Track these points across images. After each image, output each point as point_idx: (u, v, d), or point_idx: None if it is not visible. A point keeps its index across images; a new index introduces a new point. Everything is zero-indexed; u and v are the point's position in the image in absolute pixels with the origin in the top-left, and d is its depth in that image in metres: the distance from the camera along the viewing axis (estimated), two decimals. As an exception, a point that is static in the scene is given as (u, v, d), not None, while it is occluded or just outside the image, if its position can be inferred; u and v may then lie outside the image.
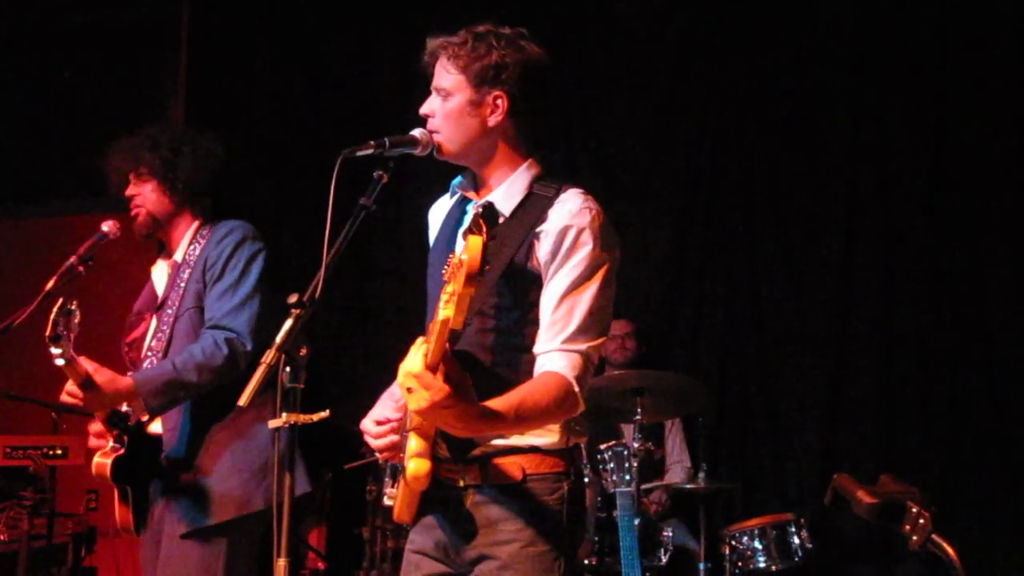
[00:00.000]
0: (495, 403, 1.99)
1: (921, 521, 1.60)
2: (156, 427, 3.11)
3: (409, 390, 1.89)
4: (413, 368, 1.87)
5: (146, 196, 3.21)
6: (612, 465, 3.91)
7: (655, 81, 5.06)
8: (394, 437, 2.22)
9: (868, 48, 4.72)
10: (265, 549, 2.24)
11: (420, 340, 1.97)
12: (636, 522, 3.86)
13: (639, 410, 4.03)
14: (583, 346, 2.12)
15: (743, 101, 4.92)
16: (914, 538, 1.61)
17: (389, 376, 2.50)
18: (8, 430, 4.62)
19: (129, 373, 3.01)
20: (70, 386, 2.88)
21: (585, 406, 2.13)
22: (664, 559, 4.09)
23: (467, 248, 1.75)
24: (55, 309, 2.76)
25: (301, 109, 5.67)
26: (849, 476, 1.72)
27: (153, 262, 3.38)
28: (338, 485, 4.71)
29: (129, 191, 3.25)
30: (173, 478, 3.05)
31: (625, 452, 3.90)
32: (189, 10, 6.05)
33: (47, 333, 2.74)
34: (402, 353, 2.35)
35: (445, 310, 1.80)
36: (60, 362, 2.79)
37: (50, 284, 3.12)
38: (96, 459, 3.03)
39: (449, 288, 1.80)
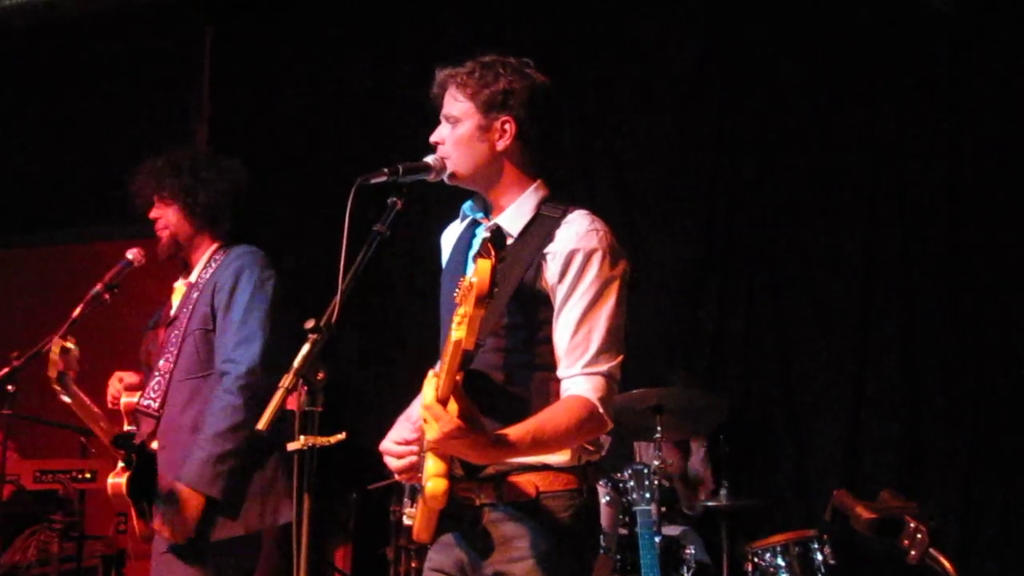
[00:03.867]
0: (511, 431, 2.05)
1: (919, 536, 1.62)
2: (154, 444, 3.17)
3: (425, 421, 1.95)
4: (426, 399, 1.92)
5: (168, 219, 3.30)
6: (632, 483, 3.92)
7: (674, 101, 5.08)
8: (412, 459, 2.26)
9: (888, 66, 4.71)
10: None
11: (432, 373, 2.02)
12: (657, 540, 3.87)
13: (659, 428, 4.05)
14: (604, 367, 2.18)
15: (762, 118, 4.93)
16: (912, 552, 1.63)
17: (409, 397, 2.55)
18: (38, 454, 4.69)
19: (177, 479, 3.04)
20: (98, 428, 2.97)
21: (612, 424, 2.19)
22: (687, 576, 4.09)
23: (476, 271, 1.81)
24: (54, 348, 2.83)
25: (321, 133, 5.73)
26: (848, 492, 1.75)
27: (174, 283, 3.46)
28: (363, 505, 4.74)
29: (153, 214, 3.33)
30: (161, 492, 3.09)
31: (645, 470, 3.91)
32: (212, 37, 6.14)
33: (53, 374, 2.83)
34: (421, 373, 2.40)
35: (457, 332, 1.85)
36: (67, 399, 2.88)
37: (77, 311, 3.19)
38: (110, 480, 3.12)
39: (461, 310, 1.85)
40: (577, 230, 2.23)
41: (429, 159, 2.33)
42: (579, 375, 2.17)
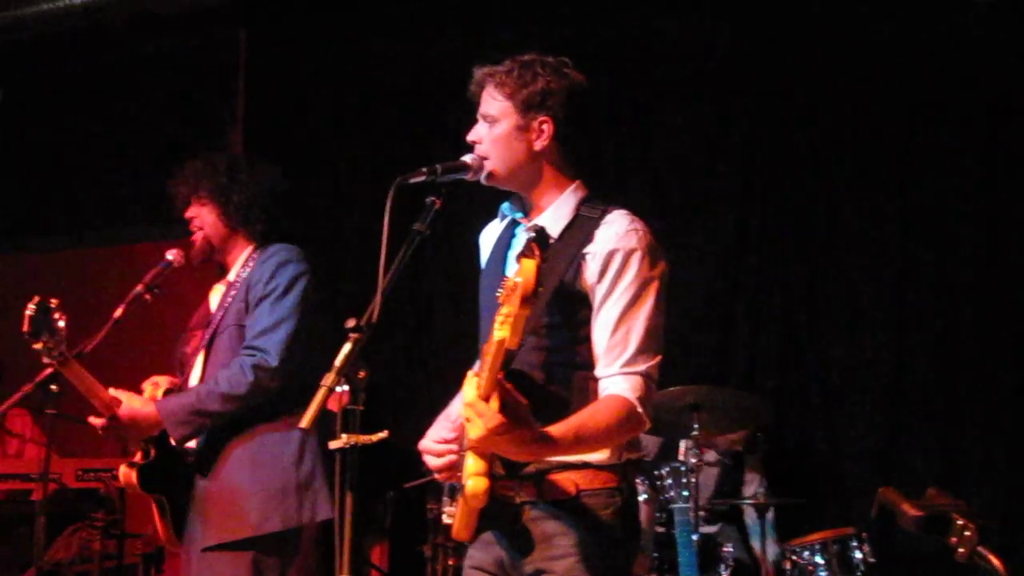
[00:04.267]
0: (554, 428, 2.05)
1: (967, 533, 1.61)
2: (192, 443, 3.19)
3: (468, 419, 1.96)
4: (468, 397, 1.93)
5: (203, 219, 3.34)
6: (670, 481, 3.92)
7: (705, 99, 5.06)
8: (451, 457, 2.27)
9: (926, 65, 4.67)
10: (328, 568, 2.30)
11: (472, 372, 2.03)
12: (695, 538, 3.86)
13: (696, 426, 4.03)
14: (643, 367, 2.19)
15: (794, 117, 4.90)
16: (960, 550, 1.61)
17: (447, 395, 2.56)
18: (79, 453, 4.75)
19: (154, 401, 3.11)
20: (94, 420, 3.03)
21: (651, 424, 2.19)
22: (725, 575, 4.08)
23: (521, 271, 1.81)
24: (33, 307, 2.85)
25: (357, 133, 5.75)
26: (895, 489, 1.73)
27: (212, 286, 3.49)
28: (400, 503, 4.76)
29: (188, 214, 3.37)
30: (196, 491, 3.12)
31: (682, 468, 3.90)
32: (246, 38, 6.19)
33: (26, 329, 2.84)
34: (459, 373, 2.41)
35: (500, 331, 1.86)
36: (48, 360, 2.89)
37: (119, 312, 3.23)
38: (123, 468, 3.15)
39: (504, 310, 1.86)
40: (617, 230, 2.24)
41: (467, 158, 2.34)
42: (617, 375, 2.18)
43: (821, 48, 4.86)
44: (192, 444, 3.17)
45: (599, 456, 2.22)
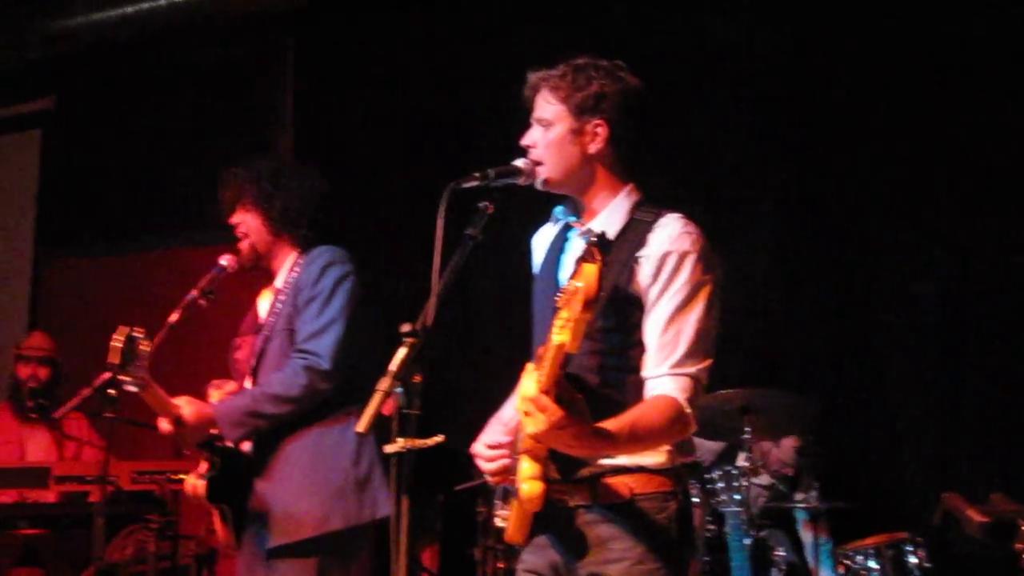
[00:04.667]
0: (609, 424, 2.06)
1: (1034, 539, 1.59)
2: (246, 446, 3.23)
3: (526, 414, 1.95)
4: (528, 392, 1.94)
5: (248, 225, 3.37)
6: (721, 485, 3.90)
7: (750, 96, 5.03)
8: (505, 461, 2.28)
9: (982, 73, 4.60)
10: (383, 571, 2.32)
11: (532, 366, 2.03)
12: (747, 542, 3.84)
13: (747, 429, 4.01)
14: (692, 369, 2.18)
15: (842, 112, 4.86)
16: (1026, 556, 1.59)
17: (497, 399, 2.57)
18: (135, 456, 4.82)
19: (209, 404, 3.15)
20: (163, 423, 3.06)
21: (698, 427, 2.18)
22: (777, 579, 4.05)
23: (583, 275, 1.82)
24: (120, 338, 2.90)
25: (406, 139, 5.77)
26: (959, 495, 1.71)
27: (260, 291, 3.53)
28: (450, 506, 4.78)
29: (233, 220, 3.40)
30: (255, 495, 3.15)
31: (734, 471, 3.88)
32: (294, 46, 6.25)
33: (114, 361, 2.89)
34: (509, 377, 2.41)
35: (560, 335, 1.86)
36: (133, 389, 2.94)
37: (175, 317, 3.26)
38: (190, 480, 3.17)
39: (564, 314, 1.86)
40: (670, 233, 2.23)
41: (519, 162, 2.35)
42: (665, 375, 2.17)
43: (877, 45, 4.81)
44: (247, 446, 3.20)
45: (653, 460, 2.22)
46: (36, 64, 6.63)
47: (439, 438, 2.14)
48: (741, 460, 3.92)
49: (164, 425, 3.08)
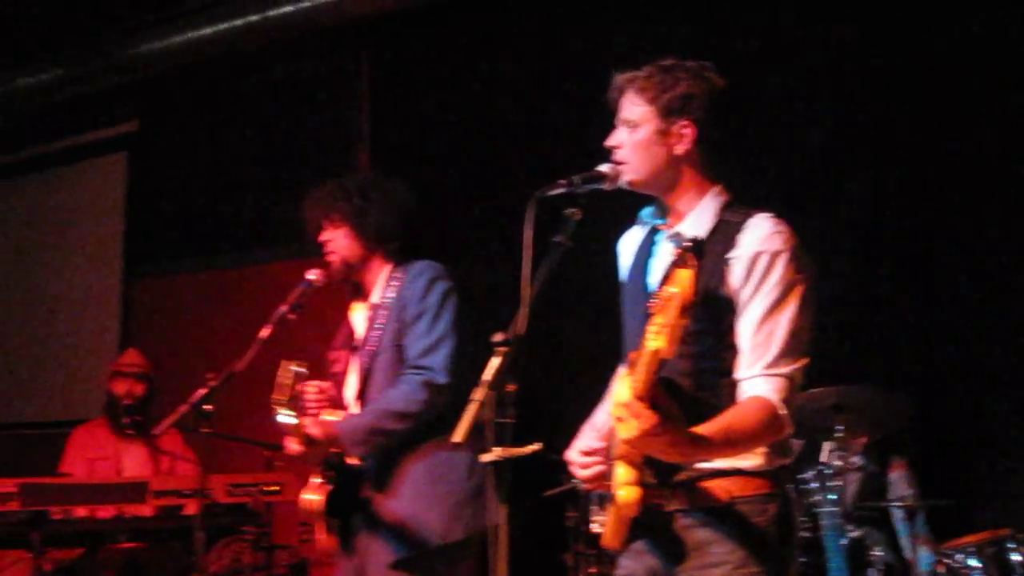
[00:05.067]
0: (703, 428, 2.04)
1: None
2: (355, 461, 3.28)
3: (620, 419, 1.95)
4: (622, 398, 1.93)
5: (339, 242, 3.38)
6: (815, 484, 3.84)
7: (834, 91, 4.95)
8: (600, 467, 2.27)
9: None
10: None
11: (624, 371, 2.03)
12: (843, 542, 3.78)
13: (839, 428, 3.94)
14: (786, 369, 2.16)
15: (931, 107, 4.76)
16: None
17: (585, 405, 2.56)
18: (229, 469, 4.91)
19: (334, 422, 3.19)
20: (293, 443, 3.11)
21: (793, 428, 2.15)
22: (875, 580, 3.98)
23: (678, 281, 1.81)
24: (287, 375, 2.99)
25: (481, 150, 5.79)
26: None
27: (348, 305, 3.56)
28: (540, 512, 4.78)
29: (322, 237, 3.42)
30: (374, 508, 3.19)
31: (828, 471, 3.82)
32: (369, 59, 6.33)
33: (281, 397, 2.98)
34: (599, 382, 2.40)
35: (655, 340, 1.85)
36: (291, 422, 3.02)
37: (265, 332, 3.31)
38: (307, 496, 3.22)
39: (660, 319, 1.85)
40: (760, 233, 2.21)
41: (604, 167, 2.34)
42: (759, 376, 2.15)
43: (951, 33, 4.71)
44: (357, 461, 3.25)
45: (751, 462, 2.20)
46: (119, 89, 6.82)
47: (536, 446, 2.15)
48: (835, 459, 3.86)
49: (293, 446, 3.12)
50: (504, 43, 5.76)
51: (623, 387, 1.97)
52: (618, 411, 1.96)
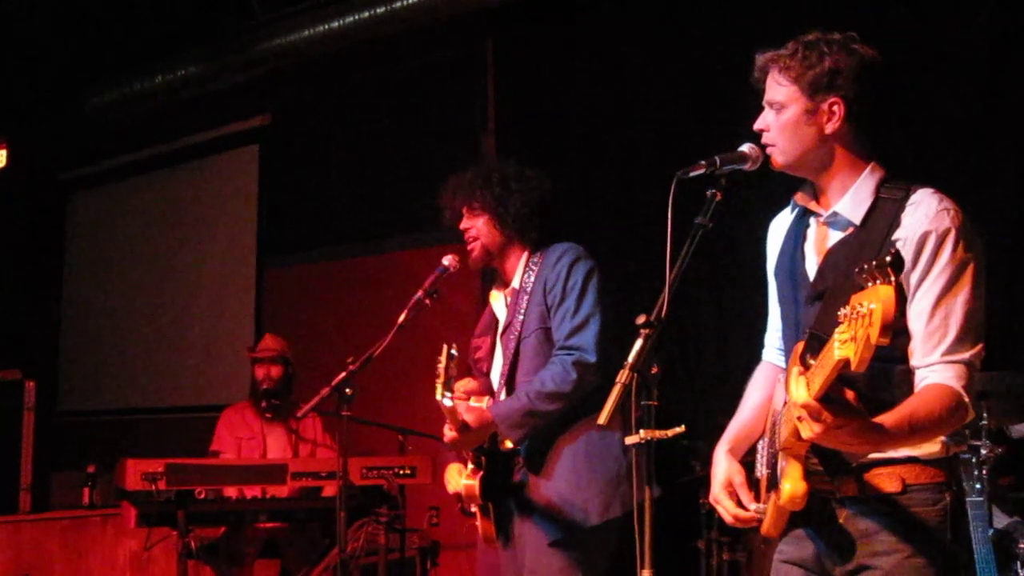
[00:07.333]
0: (886, 417, 1.98)
1: None
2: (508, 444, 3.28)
3: (799, 419, 1.91)
4: (799, 398, 1.89)
5: (479, 229, 3.40)
6: (961, 473, 3.71)
7: (976, 59, 4.75)
8: (748, 517, 2.27)
9: None
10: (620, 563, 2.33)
11: (796, 371, 1.97)
12: (990, 533, 3.66)
13: (985, 415, 3.81)
14: (965, 355, 2.07)
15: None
16: None
17: (718, 388, 2.52)
18: (364, 452, 5.01)
19: (487, 407, 3.21)
20: (448, 430, 3.16)
21: (975, 415, 2.10)
22: (1022, 572, 3.83)
23: (878, 297, 1.69)
24: (443, 357, 3.04)
25: (607, 136, 5.74)
26: None
27: (479, 290, 3.59)
28: (672, 497, 4.74)
29: (463, 225, 3.45)
30: (529, 491, 3.21)
31: (974, 459, 3.69)
32: (493, 47, 6.35)
33: (441, 379, 3.03)
34: (723, 364, 2.36)
35: (843, 350, 1.76)
36: (448, 404, 3.06)
37: (402, 317, 3.38)
38: (464, 481, 3.26)
39: (850, 331, 1.75)
40: (926, 211, 2.11)
41: (744, 148, 2.29)
42: (938, 363, 2.07)
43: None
44: (509, 446, 3.27)
45: (926, 449, 2.12)
46: (251, 83, 7.01)
47: (679, 428, 2.14)
48: (982, 448, 3.73)
49: (449, 432, 3.17)
50: (630, 25, 5.70)
51: (798, 387, 1.90)
52: (796, 411, 1.91)
